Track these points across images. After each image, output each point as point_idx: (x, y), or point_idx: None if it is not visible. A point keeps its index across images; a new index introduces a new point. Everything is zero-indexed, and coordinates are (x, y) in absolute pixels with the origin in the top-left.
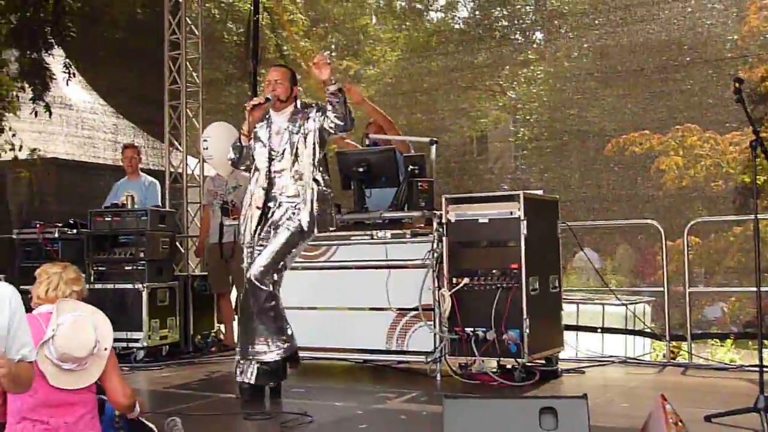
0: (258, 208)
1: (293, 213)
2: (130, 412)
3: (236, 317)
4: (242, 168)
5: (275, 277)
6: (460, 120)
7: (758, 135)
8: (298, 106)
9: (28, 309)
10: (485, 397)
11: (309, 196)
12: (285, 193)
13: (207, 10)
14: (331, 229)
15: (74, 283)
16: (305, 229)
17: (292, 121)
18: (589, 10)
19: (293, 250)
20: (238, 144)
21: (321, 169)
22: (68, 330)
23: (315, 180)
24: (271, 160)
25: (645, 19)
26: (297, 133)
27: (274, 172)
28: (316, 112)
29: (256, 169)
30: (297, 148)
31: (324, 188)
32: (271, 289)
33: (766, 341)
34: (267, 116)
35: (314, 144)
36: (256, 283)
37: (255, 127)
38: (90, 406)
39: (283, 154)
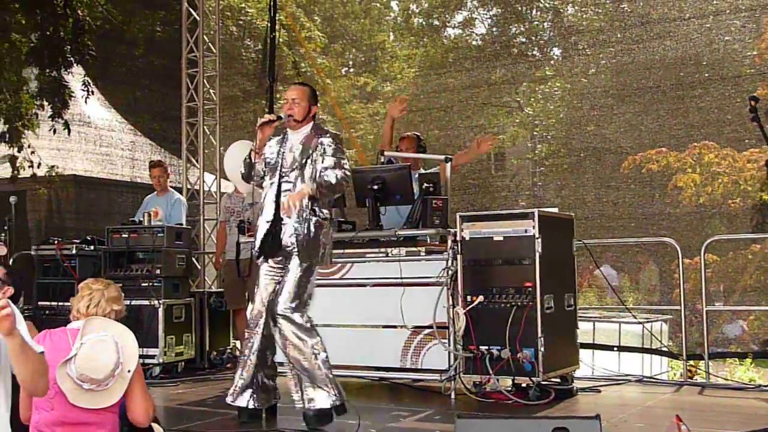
0: (267, 222)
1: (296, 238)
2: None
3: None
4: (253, 183)
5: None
6: (477, 136)
7: None
8: (313, 128)
9: (58, 323)
10: (497, 416)
11: (308, 220)
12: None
13: (225, 27)
14: (320, 265)
15: (115, 302)
16: (304, 260)
17: (304, 143)
18: (606, 26)
19: (309, 281)
20: (248, 160)
21: (320, 201)
22: (89, 351)
23: (312, 209)
24: (281, 177)
25: (662, 36)
26: (305, 157)
27: (284, 190)
28: (320, 154)
29: (269, 185)
30: (303, 172)
31: (321, 219)
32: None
33: None
34: (284, 132)
35: (304, 169)
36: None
37: (267, 144)
38: (108, 427)
39: (291, 173)
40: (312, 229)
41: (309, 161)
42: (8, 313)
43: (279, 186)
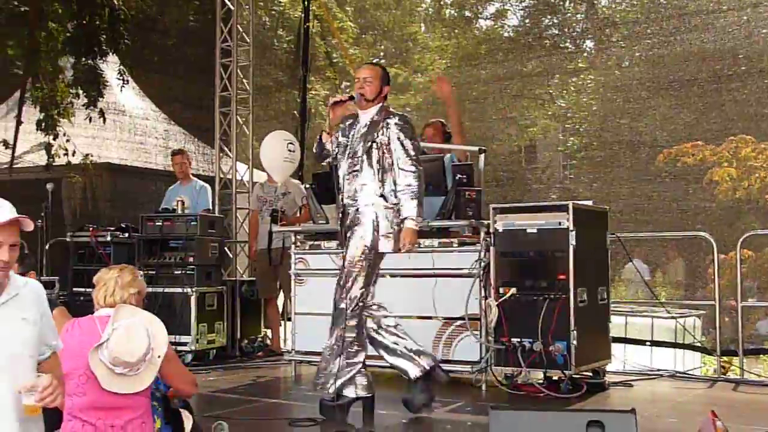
0: (339, 207)
1: (357, 225)
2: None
3: (282, 322)
4: (324, 163)
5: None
6: (509, 129)
7: None
8: (382, 109)
9: (92, 309)
10: (532, 408)
11: (372, 211)
12: (354, 198)
13: (258, 17)
14: (391, 251)
15: (131, 285)
16: (369, 245)
17: (372, 124)
18: (642, 18)
19: (369, 269)
20: (320, 139)
21: (386, 185)
22: (122, 334)
23: (382, 196)
24: (349, 159)
25: (699, 28)
26: (371, 140)
27: (349, 173)
28: (395, 141)
29: (341, 167)
30: (370, 156)
31: (390, 205)
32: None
33: None
34: (356, 114)
35: (369, 153)
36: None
37: (341, 125)
38: (141, 410)
39: (356, 156)
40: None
41: (374, 145)
42: (52, 397)
43: (346, 171)
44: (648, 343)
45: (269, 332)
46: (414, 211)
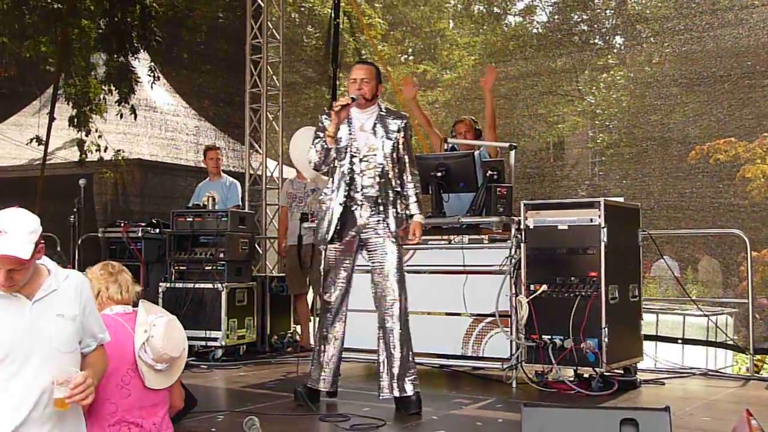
0: (340, 204)
1: (381, 217)
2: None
3: (312, 319)
4: (324, 170)
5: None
6: (538, 125)
7: None
8: (382, 108)
9: None
10: (564, 405)
11: (392, 198)
12: (367, 194)
13: (288, 14)
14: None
15: (134, 282)
16: (394, 232)
17: (379, 121)
18: (673, 14)
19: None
20: (325, 146)
21: (399, 175)
22: (164, 330)
23: (397, 192)
24: (352, 158)
25: (732, 24)
26: (393, 141)
27: (359, 171)
28: (403, 145)
29: (339, 168)
30: (382, 149)
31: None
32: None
33: None
34: (348, 115)
35: (393, 150)
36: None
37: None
38: (168, 404)
39: (367, 153)
40: (394, 199)
41: (396, 145)
42: (83, 395)
43: (351, 169)
44: (680, 341)
45: (299, 328)
46: (420, 207)
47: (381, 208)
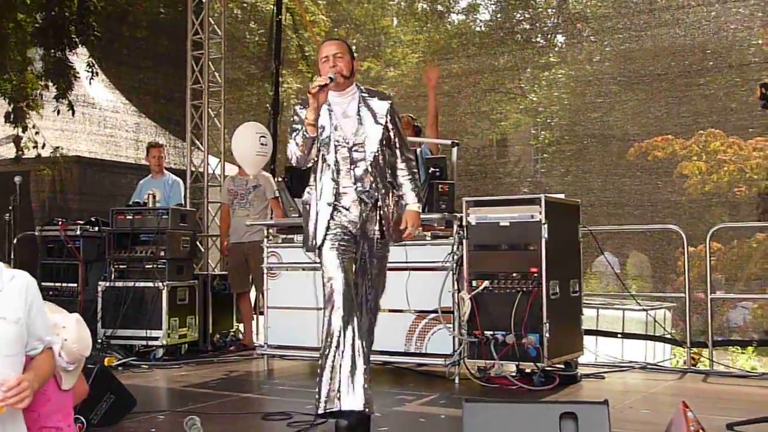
0: (328, 204)
1: (373, 214)
2: None
3: (255, 317)
4: (309, 165)
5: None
6: (481, 122)
7: None
8: (362, 89)
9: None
10: (505, 400)
11: (383, 191)
12: (358, 188)
13: (229, 10)
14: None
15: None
16: (384, 235)
17: (363, 104)
18: (613, 13)
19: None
20: (306, 135)
21: (392, 163)
22: (78, 330)
23: (390, 182)
24: (338, 149)
25: (669, 23)
26: (383, 128)
27: (347, 163)
28: (393, 129)
29: (323, 161)
30: (372, 136)
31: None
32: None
33: None
34: (326, 99)
35: (384, 136)
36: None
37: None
38: (71, 405)
39: (356, 142)
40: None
41: (386, 130)
42: (17, 398)
43: (336, 161)
44: (619, 336)
45: (241, 327)
46: (417, 196)
47: (374, 202)
